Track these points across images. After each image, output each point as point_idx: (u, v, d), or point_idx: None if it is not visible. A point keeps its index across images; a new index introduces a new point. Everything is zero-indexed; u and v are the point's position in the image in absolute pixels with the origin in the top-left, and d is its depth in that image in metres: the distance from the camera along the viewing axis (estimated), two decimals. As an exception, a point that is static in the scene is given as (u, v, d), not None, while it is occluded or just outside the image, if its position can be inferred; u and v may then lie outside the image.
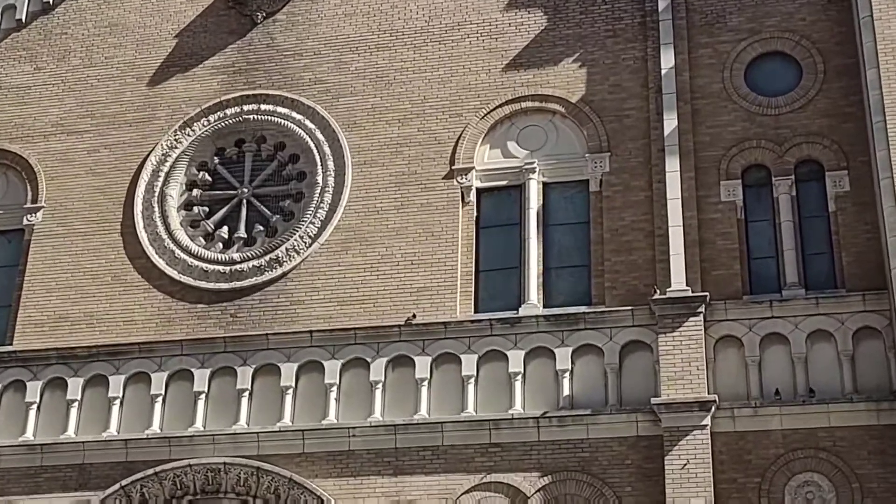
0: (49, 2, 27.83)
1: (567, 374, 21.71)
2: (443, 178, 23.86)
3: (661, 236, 22.20)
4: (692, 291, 21.47)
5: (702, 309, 21.23)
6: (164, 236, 24.71)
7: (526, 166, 23.66)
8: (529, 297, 22.61)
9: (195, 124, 25.64)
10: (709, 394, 20.77)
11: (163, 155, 25.47)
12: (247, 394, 22.88)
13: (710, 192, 22.47)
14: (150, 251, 24.62)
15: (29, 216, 25.55)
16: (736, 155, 22.71)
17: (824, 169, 22.36)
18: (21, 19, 27.82)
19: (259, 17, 26.26)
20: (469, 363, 22.13)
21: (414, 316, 22.59)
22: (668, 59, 23.47)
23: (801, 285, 21.61)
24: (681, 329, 21.20)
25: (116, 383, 23.45)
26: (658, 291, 21.60)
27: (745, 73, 23.37)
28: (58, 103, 26.64)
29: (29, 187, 25.89)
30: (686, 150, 22.68)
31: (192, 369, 23.22)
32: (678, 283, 21.64)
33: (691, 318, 21.22)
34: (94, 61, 26.92)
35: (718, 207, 22.37)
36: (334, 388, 22.50)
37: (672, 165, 22.59)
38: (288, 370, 22.80)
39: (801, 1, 23.68)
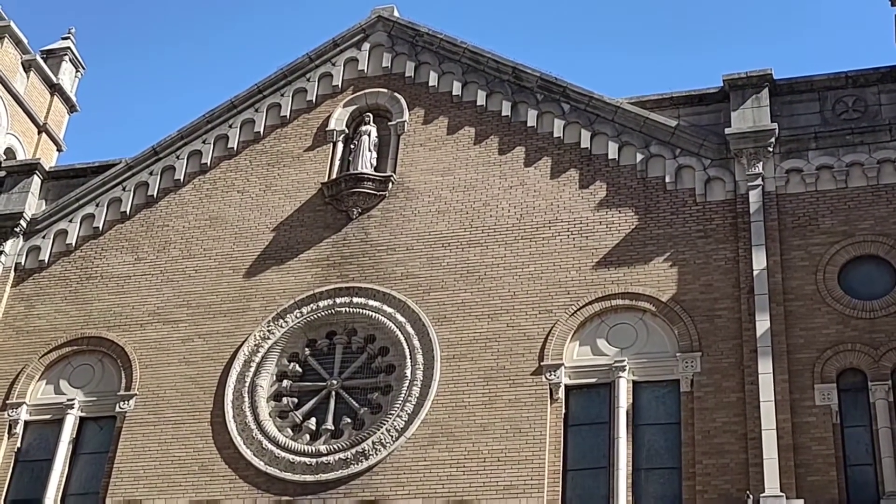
0: (153, 195, 28.76)
1: (656, 581, 21.18)
2: (531, 374, 23.73)
3: (753, 439, 21.75)
4: (787, 498, 20.91)
5: (796, 516, 20.73)
6: (253, 427, 24.78)
7: (616, 364, 23.46)
8: (618, 498, 22.11)
9: (288, 316, 25.96)
10: None
11: (255, 345, 25.76)
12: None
13: (805, 395, 22.06)
14: (238, 441, 24.67)
15: (122, 403, 25.85)
16: (830, 358, 22.34)
17: (921, 375, 21.96)
18: (125, 212, 28.74)
19: (354, 212, 26.80)
20: (555, 565, 21.68)
21: None
22: (759, 261, 23.40)
23: (900, 495, 20.98)
24: (775, 536, 20.65)
25: (199, 574, 23.38)
26: (751, 497, 21.06)
27: (839, 276, 23.17)
28: (155, 293, 27.21)
29: (123, 375, 26.27)
30: (779, 351, 22.40)
31: (275, 561, 23.09)
32: (772, 488, 21.10)
33: (785, 526, 20.70)
34: (192, 253, 27.57)
35: (813, 411, 21.91)
36: (418, 587, 22.19)
37: (765, 367, 22.27)
38: (372, 565, 22.56)
39: (894, 205, 23.63)
